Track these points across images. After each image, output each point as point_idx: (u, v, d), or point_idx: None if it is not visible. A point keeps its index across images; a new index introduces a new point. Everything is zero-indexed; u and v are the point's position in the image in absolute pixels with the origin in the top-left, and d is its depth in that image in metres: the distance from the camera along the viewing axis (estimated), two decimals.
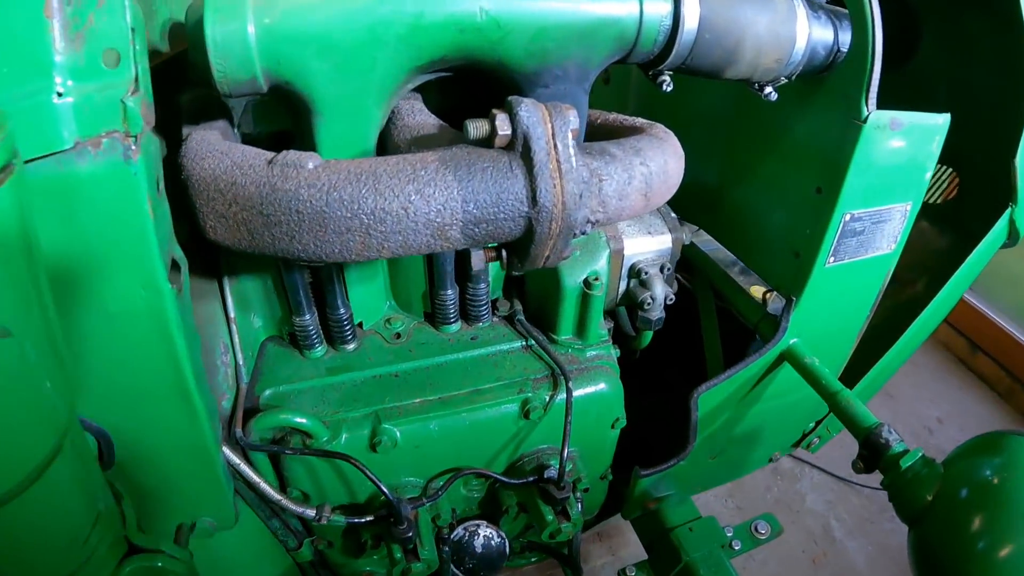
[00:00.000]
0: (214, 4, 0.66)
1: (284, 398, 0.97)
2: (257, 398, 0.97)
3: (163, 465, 0.82)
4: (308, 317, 0.98)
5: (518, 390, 0.98)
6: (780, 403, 1.15)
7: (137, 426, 0.76)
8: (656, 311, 1.04)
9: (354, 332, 1.04)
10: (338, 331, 1.02)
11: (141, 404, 0.74)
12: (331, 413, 0.95)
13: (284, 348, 1.04)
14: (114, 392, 0.72)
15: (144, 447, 0.78)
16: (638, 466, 1.10)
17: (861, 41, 0.82)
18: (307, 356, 1.03)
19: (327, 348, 1.04)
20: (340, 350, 1.04)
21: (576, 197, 0.67)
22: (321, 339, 1.03)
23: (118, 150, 0.58)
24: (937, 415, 2.21)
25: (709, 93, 1.12)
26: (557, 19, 0.72)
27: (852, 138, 0.85)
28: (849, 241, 0.93)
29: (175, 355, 0.71)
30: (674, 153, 0.78)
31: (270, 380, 0.99)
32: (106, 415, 0.73)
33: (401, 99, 0.82)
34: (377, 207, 0.65)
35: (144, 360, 0.70)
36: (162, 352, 0.70)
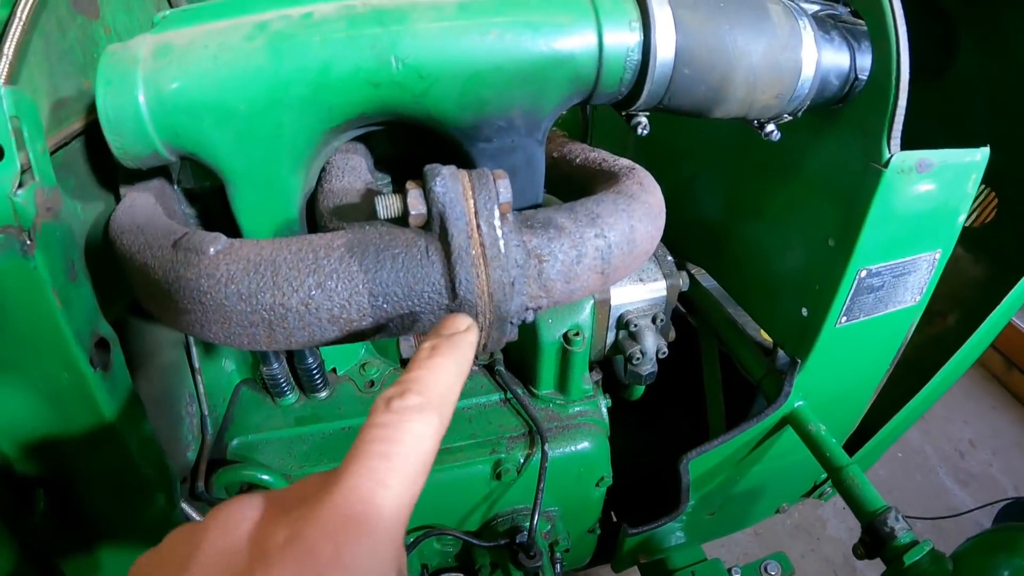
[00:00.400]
0: (104, 75, 0.56)
1: (252, 448, 0.93)
2: (226, 447, 0.92)
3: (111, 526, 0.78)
4: (276, 366, 0.92)
5: (491, 450, 0.88)
6: (784, 462, 1.00)
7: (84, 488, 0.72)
8: (646, 366, 0.90)
9: (325, 380, 0.97)
10: (308, 380, 0.95)
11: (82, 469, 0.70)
12: (297, 467, 0.90)
13: (257, 393, 0.99)
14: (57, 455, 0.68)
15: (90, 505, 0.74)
16: (626, 524, 1.01)
17: (883, 67, 0.65)
18: (278, 403, 0.97)
19: (299, 395, 0.98)
20: (311, 398, 0.98)
21: (506, 286, 0.55)
22: (292, 386, 0.96)
23: (14, 246, 0.54)
24: (969, 437, 2.04)
25: None
26: (493, 62, 0.57)
27: (870, 184, 0.68)
28: (864, 298, 0.76)
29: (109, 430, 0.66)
30: (645, 214, 0.63)
31: (240, 428, 0.94)
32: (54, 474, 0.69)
33: (339, 151, 0.73)
34: (276, 303, 0.55)
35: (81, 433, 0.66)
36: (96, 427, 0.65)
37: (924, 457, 2.06)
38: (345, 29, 0.57)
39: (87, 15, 0.73)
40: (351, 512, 0.30)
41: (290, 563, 0.29)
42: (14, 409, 0.63)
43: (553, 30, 0.59)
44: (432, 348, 0.40)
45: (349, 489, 0.31)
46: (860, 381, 0.92)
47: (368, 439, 0.33)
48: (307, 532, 0.30)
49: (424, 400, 0.35)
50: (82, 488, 0.72)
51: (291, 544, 0.30)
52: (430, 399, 0.35)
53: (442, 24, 0.57)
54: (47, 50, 0.65)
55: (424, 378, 0.37)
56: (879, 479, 1.98)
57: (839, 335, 0.80)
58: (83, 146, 0.69)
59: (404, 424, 0.33)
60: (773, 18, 0.65)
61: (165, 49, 0.57)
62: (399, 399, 0.35)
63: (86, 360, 0.61)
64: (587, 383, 0.93)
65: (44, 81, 0.65)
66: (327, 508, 0.30)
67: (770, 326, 0.91)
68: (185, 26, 0.60)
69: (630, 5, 0.61)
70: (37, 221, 0.55)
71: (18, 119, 0.54)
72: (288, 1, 0.60)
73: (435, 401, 0.36)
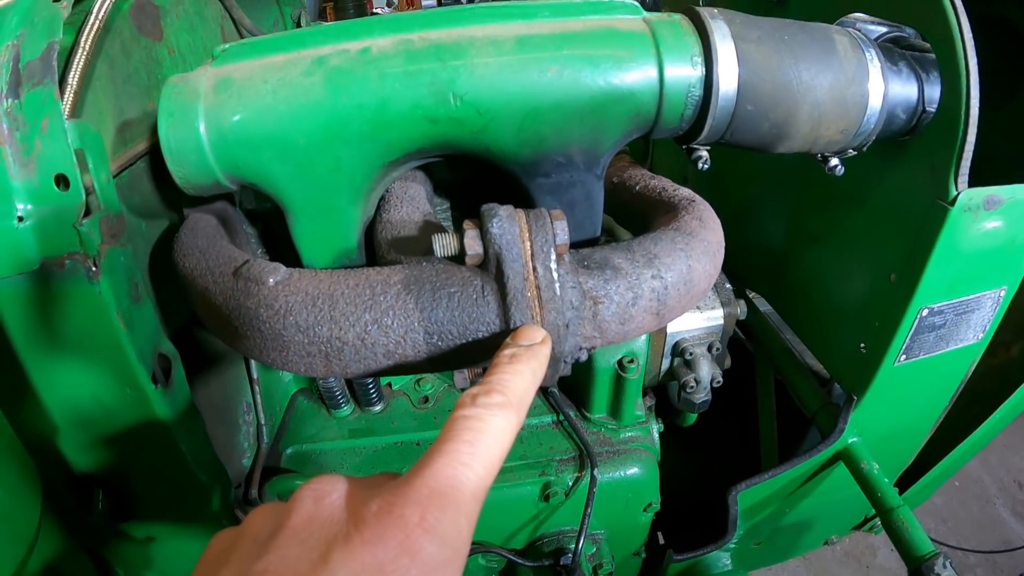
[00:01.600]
0: (167, 108, 0.57)
1: (306, 457, 0.95)
2: (280, 455, 0.94)
3: (166, 529, 0.81)
4: (332, 379, 0.94)
5: (540, 472, 0.89)
6: (835, 497, 0.97)
7: (143, 493, 0.75)
8: (700, 394, 0.88)
9: (380, 394, 0.99)
10: (363, 393, 0.97)
11: (142, 475, 0.73)
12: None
13: (313, 403, 1.02)
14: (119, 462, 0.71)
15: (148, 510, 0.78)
16: (671, 550, 0.99)
17: (952, 100, 0.62)
18: (333, 415, 0.99)
19: (353, 407, 1.00)
20: (366, 411, 1.00)
21: (560, 328, 0.55)
22: (347, 398, 0.98)
23: (80, 271, 0.57)
24: None
25: None
26: (552, 98, 0.57)
27: (936, 222, 0.65)
28: (925, 337, 0.74)
29: (169, 441, 0.68)
30: (704, 253, 0.61)
31: (294, 437, 0.97)
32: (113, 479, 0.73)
33: (399, 178, 0.73)
34: (333, 336, 0.55)
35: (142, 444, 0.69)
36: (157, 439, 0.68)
37: (982, 487, 1.98)
38: (403, 65, 0.57)
39: (151, 38, 0.75)
40: (438, 486, 0.34)
41: (382, 525, 0.32)
42: (78, 417, 0.65)
43: (613, 65, 0.58)
44: (512, 356, 0.45)
45: (438, 468, 0.35)
46: (917, 419, 0.89)
47: (456, 428, 0.37)
48: (398, 501, 0.33)
49: (505, 399, 0.40)
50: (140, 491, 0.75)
51: (383, 510, 0.33)
52: (510, 399, 0.40)
53: (500, 59, 0.57)
54: (112, 74, 0.67)
55: (506, 381, 0.42)
56: (933, 507, 1.91)
57: (897, 373, 0.77)
58: (148, 165, 0.72)
59: (487, 417, 0.38)
60: (839, 51, 0.62)
61: (226, 83, 0.58)
62: (484, 396, 0.39)
63: (148, 377, 0.64)
64: (640, 409, 0.92)
65: (110, 105, 0.66)
66: (417, 481, 0.34)
67: (827, 359, 0.88)
68: (245, 60, 0.61)
69: (692, 39, 0.59)
70: (102, 248, 0.58)
71: (83, 151, 0.56)
72: (346, 35, 0.60)
73: (514, 401, 0.40)
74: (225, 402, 0.89)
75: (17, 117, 0.53)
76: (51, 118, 0.53)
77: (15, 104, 0.52)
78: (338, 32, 0.60)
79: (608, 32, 0.59)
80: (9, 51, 0.53)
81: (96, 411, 0.64)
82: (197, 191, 0.62)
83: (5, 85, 0.52)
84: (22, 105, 0.53)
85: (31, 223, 0.54)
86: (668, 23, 0.60)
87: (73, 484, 0.70)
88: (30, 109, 0.53)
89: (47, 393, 0.62)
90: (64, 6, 0.55)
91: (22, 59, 0.53)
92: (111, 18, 0.65)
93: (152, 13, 0.74)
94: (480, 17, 0.60)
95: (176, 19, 0.78)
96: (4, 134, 0.53)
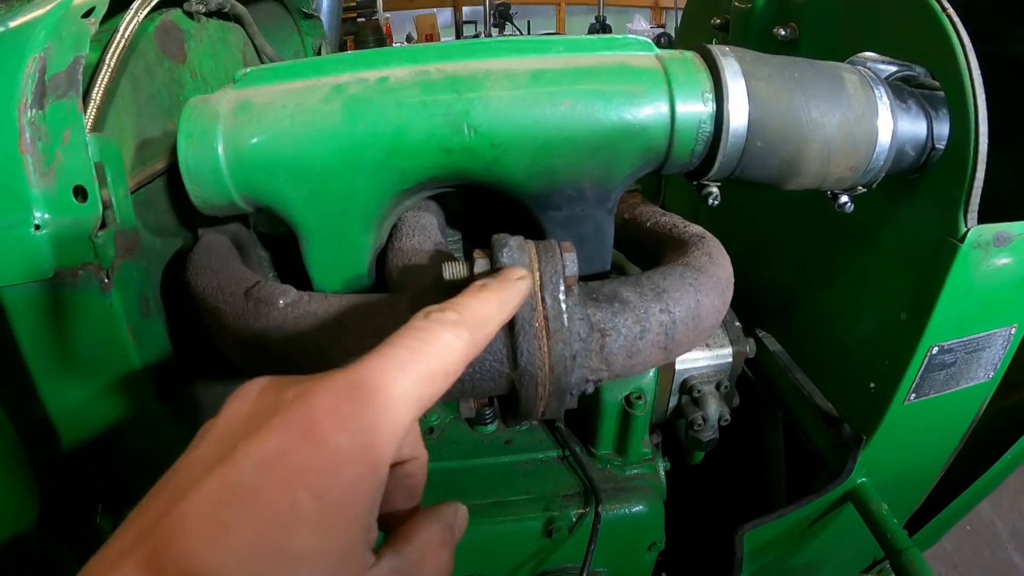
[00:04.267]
0: (187, 128, 0.59)
1: None
2: None
3: None
4: None
5: (544, 507, 0.87)
6: (844, 538, 0.96)
7: None
8: (708, 432, 0.88)
9: None
10: None
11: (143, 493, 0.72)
12: None
13: None
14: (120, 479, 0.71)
15: None
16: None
17: (961, 137, 0.63)
18: None
19: None
20: None
21: (567, 359, 0.55)
22: None
23: (93, 283, 0.57)
24: None
25: None
26: (564, 132, 0.58)
27: (946, 259, 0.65)
28: (936, 375, 0.73)
29: (173, 460, 0.68)
30: (712, 289, 0.62)
31: None
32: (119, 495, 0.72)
33: (412, 207, 0.74)
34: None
35: (144, 460, 0.68)
36: (160, 458, 0.66)
37: (994, 532, 1.94)
38: (419, 95, 0.58)
39: (175, 60, 0.77)
40: (361, 381, 0.31)
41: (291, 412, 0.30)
42: (82, 430, 0.66)
43: (625, 101, 0.59)
44: (482, 285, 0.44)
45: (367, 365, 0.32)
46: (927, 459, 0.88)
47: (400, 334, 0.35)
48: (314, 388, 0.31)
49: (460, 318, 0.37)
50: None
51: (297, 397, 0.31)
52: (466, 319, 0.38)
53: (514, 93, 0.59)
54: (135, 93, 0.69)
55: (466, 303, 0.40)
56: (944, 552, 1.88)
57: (907, 412, 0.77)
58: (165, 185, 0.73)
59: (436, 330, 0.36)
60: (849, 88, 0.64)
61: (245, 106, 0.60)
62: (438, 312, 0.38)
63: (154, 393, 0.64)
64: (646, 446, 0.91)
65: (131, 123, 0.68)
66: (340, 373, 0.32)
67: (836, 398, 0.88)
68: (265, 84, 0.63)
69: (703, 76, 0.61)
70: (115, 261, 0.59)
71: (103, 165, 0.58)
72: (365, 64, 0.62)
73: (470, 322, 0.38)
74: None
75: (40, 127, 0.54)
76: (73, 130, 0.54)
77: (39, 115, 0.54)
78: (357, 61, 0.62)
79: (621, 68, 0.60)
80: (36, 63, 0.55)
81: (100, 425, 0.65)
82: (213, 211, 0.63)
83: (30, 95, 0.54)
84: (46, 116, 0.54)
85: (47, 232, 0.55)
86: (680, 60, 0.62)
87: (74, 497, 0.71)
88: (53, 120, 0.54)
89: (53, 402, 0.62)
90: (92, 22, 0.57)
91: (48, 71, 0.55)
92: (136, 38, 0.68)
93: (177, 36, 0.77)
94: (496, 51, 0.62)
95: (200, 43, 0.81)
96: (26, 143, 0.54)
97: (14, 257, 0.55)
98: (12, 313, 0.57)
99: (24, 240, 0.55)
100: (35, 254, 0.55)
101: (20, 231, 0.55)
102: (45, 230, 0.55)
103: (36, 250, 0.55)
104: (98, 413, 0.64)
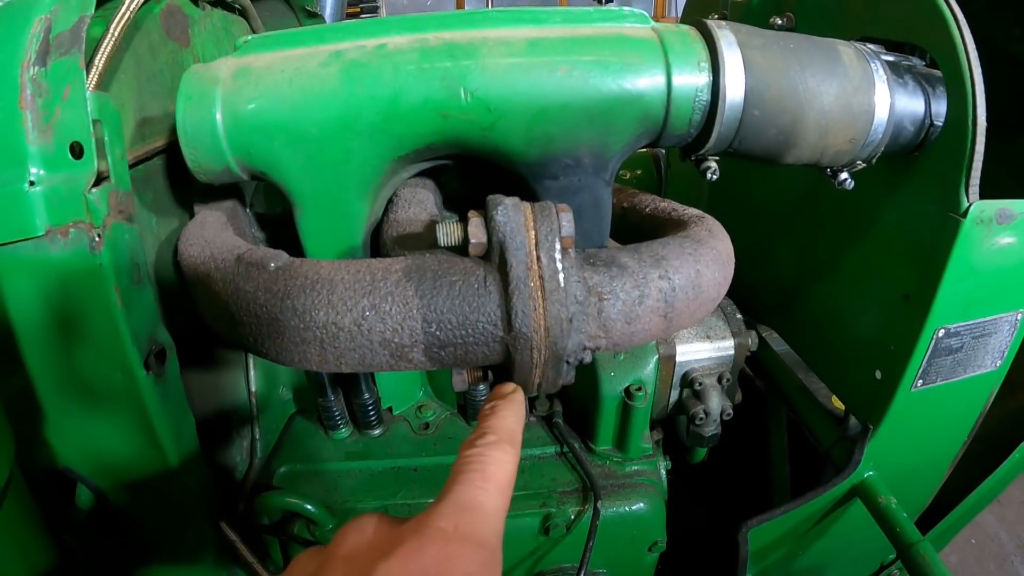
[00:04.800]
0: (186, 92, 0.59)
1: (299, 476, 0.93)
2: (273, 472, 0.92)
3: (151, 536, 0.78)
4: (332, 399, 0.93)
5: (541, 503, 0.86)
6: (851, 539, 0.93)
7: (125, 492, 0.73)
8: (710, 427, 0.86)
9: (380, 417, 0.97)
10: (363, 415, 0.96)
11: (125, 472, 0.71)
12: (341, 501, 0.89)
13: (311, 424, 1.00)
14: (101, 456, 0.69)
15: (130, 511, 0.75)
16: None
17: (959, 112, 0.63)
18: (330, 436, 0.98)
19: (352, 430, 0.98)
20: (364, 434, 0.98)
21: (564, 322, 0.54)
22: (346, 420, 0.97)
23: (84, 240, 0.57)
24: None
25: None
26: (561, 98, 0.58)
27: (948, 235, 0.65)
28: (943, 361, 0.72)
29: (155, 437, 0.67)
30: (713, 260, 0.61)
31: (289, 456, 0.95)
32: (96, 475, 0.71)
33: (407, 184, 0.74)
34: (329, 320, 0.55)
35: (126, 436, 0.67)
36: (142, 432, 0.67)
37: (999, 545, 1.89)
38: (417, 61, 0.59)
39: (178, 43, 0.78)
40: (464, 503, 0.39)
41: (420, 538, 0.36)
42: (64, 400, 0.65)
43: (622, 69, 0.59)
44: (492, 407, 0.51)
45: (458, 492, 0.40)
46: (935, 452, 0.86)
47: (463, 463, 0.43)
48: (431, 518, 0.38)
49: (498, 438, 0.46)
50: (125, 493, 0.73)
51: (420, 527, 0.37)
52: (502, 436, 0.46)
53: (511, 60, 0.59)
54: (138, 70, 0.70)
55: (493, 424, 0.48)
56: (950, 565, 1.82)
57: (915, 400, 0.75)
58: (164, 164, 0.73)
59: (488, 452, 0.44)
60: (845, 60, 0.64)
61: (244, 71, 0.60)
62: (480, 439, 0.46)
63: (140, 362, 0.64)
64: (647, 441, 0.89)
65: (132, 98, 0.69)
66: (444, 503, 0.39)
67: (842, 391, 0.86)
68: (265, 51, 0.63)
69: (699, 46, 0.61)
70: (107, 220, 0.58)
71: (100, 123, 0.58)
72: (364, 33, 0.62)
73: (506, 437, 0.47)
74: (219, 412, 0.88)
75: (41, 84, 0.54)
76: (74, 86, 0.55)
77: (41, 72, 0.54)
78: (357, 29, 0.63)
79: (618, 38, 0.61)
80: (42, 23, 0.56)
81: (83, 395, 0.63)
82: (208, 177, 0.63)
83: (34, 53, 0.55)
84: (48, 73, 0.55)
85: (42, 189, 0.55)
86: (676, 32, 0.62)
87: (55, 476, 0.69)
88: (55, 77, 0.55)
89: (36, 368, 0.61)
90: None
91: (53, 31, 0.55)
92: (141, 18, 0.69)
93: (182, 20, 0.78)
94: (494, 21, 0.63)
95: (204, 30, 0.82)
96: (27, 100, 0.54)
97: (5, 215, 0.55)
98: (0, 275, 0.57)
99: (17, 197, 0.55)
100: (27, 211, 0.55)
101: (13, 188, 0.54)
102: (39, 186, 0.55)
103: (28, 207, 0.55)
104: (81, 384, 0.63)
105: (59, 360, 0.62)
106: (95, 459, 0.68)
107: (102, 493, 0.70)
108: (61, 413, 0.65)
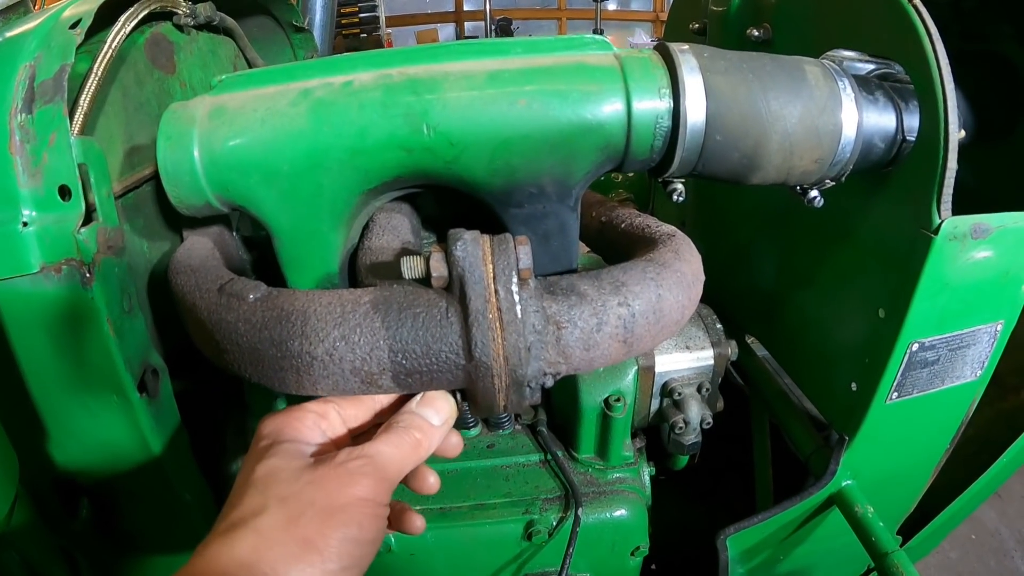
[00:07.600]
0: (165, 131, 0.62)
1: None
2: None
3: (149, 545, 0.84)
4: None
5: (524, 510, 0.89)
6: (831, 546, 0.95)
7: (124, 504, 0.78)
8: (689, 436, 0.88)
9: None
10: None
11: (123, 485, 0.76)
12: None
13: None
14: (101, 470, 0.74)
15: (129, 521, 0.81)
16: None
17: (931, 127, 0.63)
18: None
19: None
20: None
21: (522, 351, 0.57)
22: None
23: (75, 277, 0.61)
24: None
25: None
26: (522, 129, 0.60)
27: (920, 252, 0.66)
28: (918, 373, 0.73)
29: (151, 455, 0.72)
30: (676, 284, 0.63)
31: None
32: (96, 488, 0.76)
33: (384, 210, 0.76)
34: (303, 351, 0.59)
35: (124, 453, 0.72)
36: (139, 450, 0.72)
37: (999, 540, 1.89)
38: (381, 98, 0.61)
39: (164, 71, 0.82)
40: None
41: None
42: (66, 421, 0.70)
43: (581, 99, 0.61)
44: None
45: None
46: (915, 461, 0.87)
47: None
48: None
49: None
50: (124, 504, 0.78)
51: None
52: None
53: (472, 93, 0.61)
54: (124, 101, 0.74)
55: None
56: (949, 562, 1.83)
57: (890, 412, 0.76)
58: (153, 190, 0.77)
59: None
60: (810, 80, 0.65)
61: (220, 111, 0.64)
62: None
63: (134, 386, 0.68)
64: (628, 450, 0.92)
65: (120, 129, 0.73)
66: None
67: (819, 401, 0.87)
68: (240, 90, 0.66)
69: (660, 72, 0.62)
70: (97, 257, 0.63)
71: (86, 166, 0.62)
72: (333, 69, 0.65)
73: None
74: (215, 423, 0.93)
75: (29, 131, 0.59)
76: (59, 133, 0.59)
77: (28, 119, 0.58)
78: (326, 66, 0.65)
79: (577, 67, 0.63)
80: (27, 71, 0.59)
81: (83, 416, 0.68)
82: (190, 211, 0.67)
83: (21, 101, 0.59)
84: (34, 120, 0.59)
85: (34, 229, 0.59)
86: (637, 58, 0.63)
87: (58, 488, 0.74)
88: (41, 124, 0.59)
89: (39, 393, 0.66)
90: (78, 33, 0.62)
91: (37, 78, 0.59)
92: (126, 49, 0.72)
93: (167, 48, 0.82)
94: (458, 54, 0.65)
95: (190, 55, 0.86)
96: (16, 145, 0.58)
97: (2, 253, 0.59)
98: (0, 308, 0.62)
99: (12, 236, 0.59)
100: (22, 250, 0.59)
101: (8, 228, 0.59)
102: (32, 227, 0.59)
103: (23, 246, 0.59)
104: (80, 406, 0.68)
105: (59, 383, 0.67)
106: (95, 473, 0.73)
107: (102, 504, 0.76)
108: (62, 431, 0.70)
